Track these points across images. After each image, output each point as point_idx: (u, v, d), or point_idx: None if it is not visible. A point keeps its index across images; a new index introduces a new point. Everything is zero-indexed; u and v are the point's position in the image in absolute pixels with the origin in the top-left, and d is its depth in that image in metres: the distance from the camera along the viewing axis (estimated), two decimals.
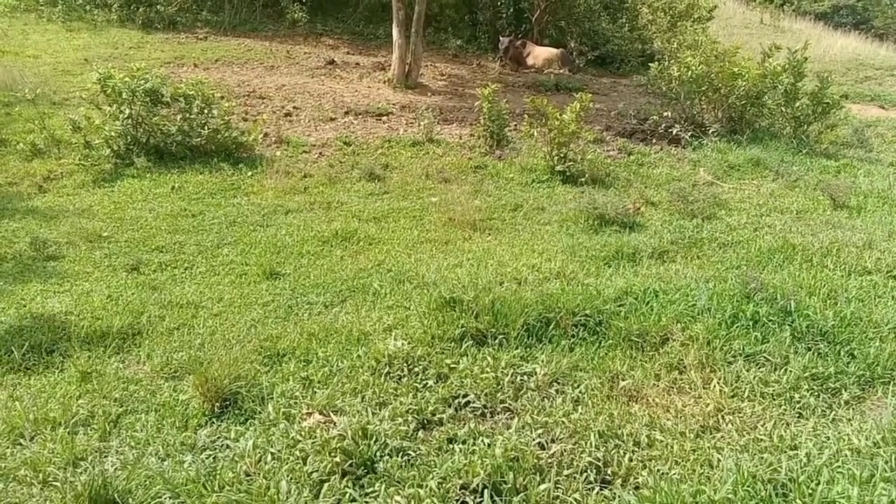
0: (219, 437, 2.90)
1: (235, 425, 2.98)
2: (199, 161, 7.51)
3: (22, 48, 11.33)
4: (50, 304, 4.36)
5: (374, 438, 2.77)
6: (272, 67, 11.87)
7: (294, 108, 9.79)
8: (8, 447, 2.90)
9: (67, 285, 4.72)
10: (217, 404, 3.09)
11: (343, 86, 11.25)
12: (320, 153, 8.28)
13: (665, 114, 9.57)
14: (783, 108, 9.50)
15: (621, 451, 2.80)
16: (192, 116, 7.65)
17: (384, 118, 9.79)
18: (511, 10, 15.52)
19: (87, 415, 3.11)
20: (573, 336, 3.69)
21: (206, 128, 7.71)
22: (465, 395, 3.15)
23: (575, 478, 2.67)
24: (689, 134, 9.28)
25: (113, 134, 7.38)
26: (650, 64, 10.48)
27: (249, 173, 7.35)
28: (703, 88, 9.45)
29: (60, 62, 10.70)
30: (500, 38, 13.99)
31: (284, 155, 8.08)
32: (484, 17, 15.68)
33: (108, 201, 6.51)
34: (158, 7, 13.53)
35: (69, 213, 6.16)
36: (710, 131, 9.33)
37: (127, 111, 7.36)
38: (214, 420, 3.03)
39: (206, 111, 7.74)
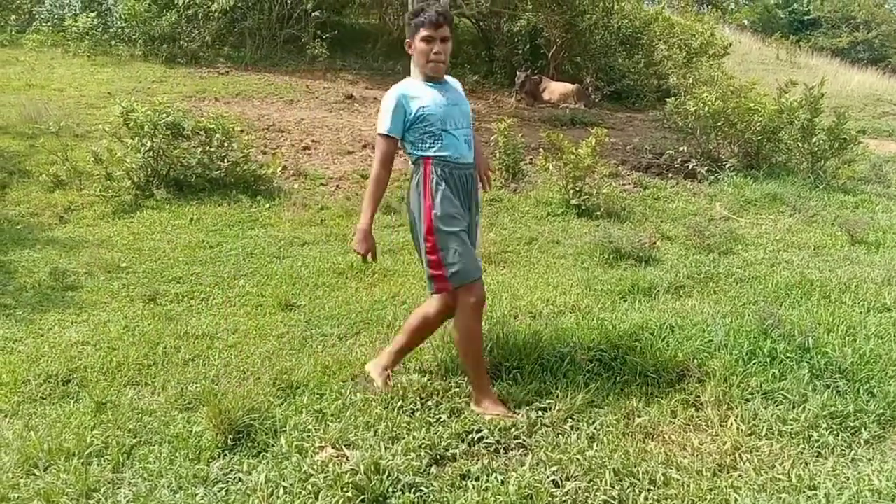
0: (231, 470, 2.90)
1: (248, 458, 2.97)
2: (217, 193, 7.60)
3: (48, 82, 11.59)
4: (67, 334, 4.40)
5: (386, 473, 2.76)
6: (292, 102, 12.04)
7: (313, 141, 9.90)
8: (22, 477, 2.91)
9: (85, 315, 4.76)
10: (230, 437, 3.08)
11: (361, 120, 11.38)
12: (337, 186, 8.36)
13: (681, 148, 9.58)
14: (800, 144, 9.48)
15: (637, 490, 2.76)
16: (212, 149, 7.76)
17: (401, 151, 9.86)
18: (528, 46, 15.70)
19: (101, 446, 3.11)
20: (588, 371, 3.66)
21: (225, 160, 7.82)
22: (479, 431, 3.12)
23: None
24: (706, 168, 9.28)
25: (134, 166, 7.49)
26: (666, 99, 10.52)
27: (267, 205, 7.43)
28: (720, 123, 9.46)
29: (85, 95, 10.92)
30: (517, 74, 14.12)
31: (302, 187, 8.16)
32: (501, 52, 15.86)
33: (127, 232, 6.59)
34: (182, 43, 13.79)
35: (89, 244, 6.23)
36: (727, 166, 9.32)
37: (148, 144, 7.47)
38: (227, 452, 3.02)
39: (226, 144, 7.85)
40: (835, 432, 3.16)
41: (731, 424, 3.22)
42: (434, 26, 3.26)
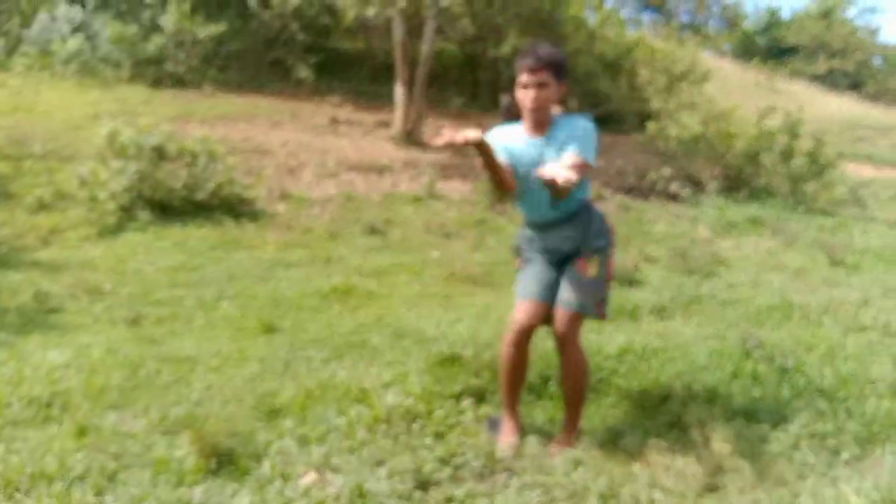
0: (214, 495, 2.87)
1: (231, 482, 2.94)
2: (201, 215, 7.59)
3: (34, 105, 11.55)
4: (50, 357, 4.36)
5: (369, 498, 2.74)
6: (277, 124, 12.07)
7: (297, 163, 9.93)
8: (4, 501, 2.87)
9: (68, 338, 4.73)
10: (213, 461, 3.06)
11: (347, 142, 11.43)
12: (322, 208, 8.38)
13: (663, 171, 9.70)
14: (780, 167, 9.63)
15: None
16: (196, 171, 7.77)
17: (386, 174, 9.92)
18: (512, 70, 15.85)
19: (83, 470, 3.07)
20: None
21: (210, 183, 7.82)
22: (464, 454, 3.11)
23: None
24: (688, 191, 9.39)
25: (118, 188, 7.48)
26: (648, 122, 10.67)
27: (251, 228, 7.43)
28: (701, 147, 9.60)
29: (71, 118, 10.89)
30: (502, 97, 14.23)
31: (287, 210, 8.17)
32: (485, 76, 16.01)
33: (110, 255, 6.56)
34: (168, 66, 13.81)
35: (72, 266, 6.20)
36: (709, 189, 9.44)
37: (133, 166, 7.47)
38: (210, 477, 2.99)
39: (210, 166, 7.86)
40: (815, 452, 3.19)
41: (715, 445, 3.24)
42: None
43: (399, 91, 11.78)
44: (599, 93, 15.44)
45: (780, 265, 6.67)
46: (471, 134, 2.78)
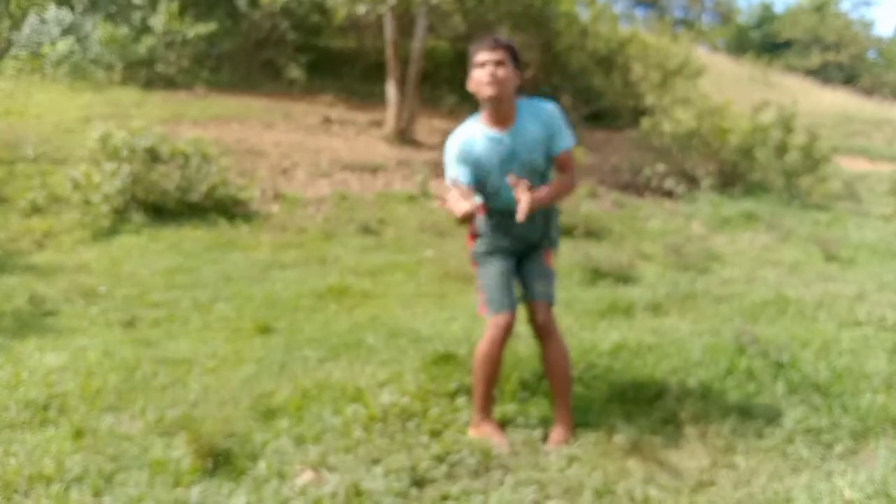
0: (210, 495, 2.87)
1: (227, 482, 2.95)
2: (196, 217, 7.59)
3: (26, 108, 11.52)
4: (46, 360, 4.35)
5: (366, 496, 2.75)
6: (270, 124, 12.06)
7: (291, 163, 9.93)
8: (2, 503, 2.88)
9: (64, 341, 4.72)
10: (209, 461, 3.06)
11: (340, 142, 11.43)
12: (316, 208, 8.38)
13: (658, 167, 9.71)
14: (774, 162, 9.65)
15: None
16: (189, 173, 7.76)
17: (380, 173, 9.92)
18: None
19: (80, 471, 3.08)
20: None
21: (203, 184, 7.81)
22: (459, 452, 3.12)
23: None
24: (682, 187, 9.41)
25: (112, 191, 7.47)
26: (642, 118, 10.68)
27: (246, 229, 7.43)
28: (695, 143, 9.62)
29: (63, 121, 10.87)
30: None
31: (281, 210, 8.17)
32: None
33: (105, 257, 6.56)
34: (159, 67, 13.78)
35: (67, 270, 6.19)
36: (703, 184, 9.46)
37: (126, 168, 7.45)
38: (207, 477, 3.00)
39: (203, 168, 7.85)
40: (809, 446, 3.20)
41: (710, 441, 3.25)
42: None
43: (391, 90, 11.78)
44: (593, 89, 15.45)
45: (775, 260, 6.69)
46: (467, 206, 2.78)
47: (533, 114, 3.17)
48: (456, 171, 3.14)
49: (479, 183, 3.18)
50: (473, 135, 3.21)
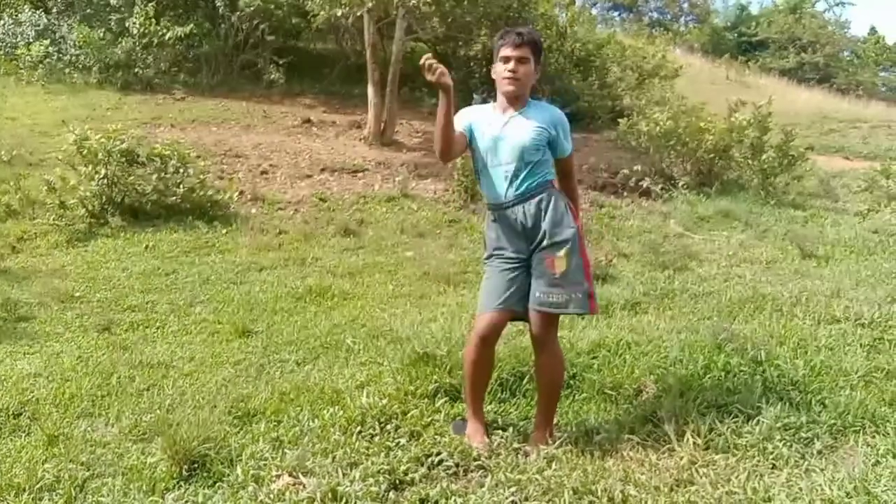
0: (187, 501, 2.84)
1: (204, 488, 2.91)
2: (173, 220, 7.52)
3: (0, 111, 11.36)
4: (19, 366, 4.29)
5: (344, 500, 2.73)
6: (249, 127, 11.98)
7: (270, 165, 9.87)
8: None
9: (38, 346, 4.65)
10: (185, 467, 3.03)
11: (319, 144, 11.38)
12: (296, 210, 8.33)
13: (635, 167, 9.75)
14: (750, 161, 9.73)
15: None
16: (167, 176, 7.68)
17: (360, 174, 9.89)
18: (484, 69, 15.86)
19: (52, 479, 3.03)
20: None
21: (181, 187, 7.73)
22: (439, 454, 3.10)
23: None
24: (660, 187, 9.46)
25: (88, 194, 7.37)
26: (620, 119, 10.73)
27: (224, 231, 7.36)
28: (672, 143, 9.67)
29: (38, 124, 10.72)
30: (474, 96, 14.25)
31: (260, 212, 8.12)
32: (458, 76, 15.99)
33: (81, 261, 6.47)
34: (137, 70, 13.64)
35: (42, 274, 6.10)
36: (680, 184, 9.52)
37: (102, 171, 7.36)
38: (182, 483, 2.96)
39: (181, 170, 7.78)
40: (788, 444, 3.21)
41: (688, 439, 3.25)
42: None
43: (371, 92, 11.74)
44: (570, 90, 15.48)
45: (752, 258, 6.74)
46: (446, 79, 2.93)
47: (541, 109, 3.28)
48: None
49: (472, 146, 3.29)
50: (482, 108, 3.39)
